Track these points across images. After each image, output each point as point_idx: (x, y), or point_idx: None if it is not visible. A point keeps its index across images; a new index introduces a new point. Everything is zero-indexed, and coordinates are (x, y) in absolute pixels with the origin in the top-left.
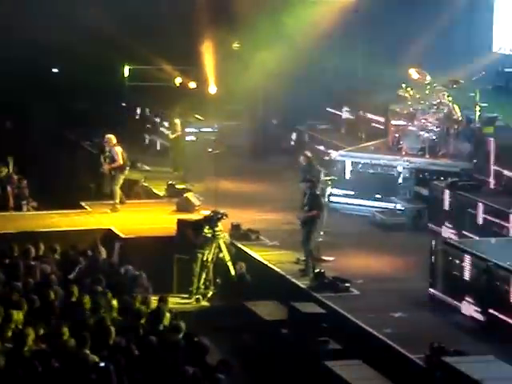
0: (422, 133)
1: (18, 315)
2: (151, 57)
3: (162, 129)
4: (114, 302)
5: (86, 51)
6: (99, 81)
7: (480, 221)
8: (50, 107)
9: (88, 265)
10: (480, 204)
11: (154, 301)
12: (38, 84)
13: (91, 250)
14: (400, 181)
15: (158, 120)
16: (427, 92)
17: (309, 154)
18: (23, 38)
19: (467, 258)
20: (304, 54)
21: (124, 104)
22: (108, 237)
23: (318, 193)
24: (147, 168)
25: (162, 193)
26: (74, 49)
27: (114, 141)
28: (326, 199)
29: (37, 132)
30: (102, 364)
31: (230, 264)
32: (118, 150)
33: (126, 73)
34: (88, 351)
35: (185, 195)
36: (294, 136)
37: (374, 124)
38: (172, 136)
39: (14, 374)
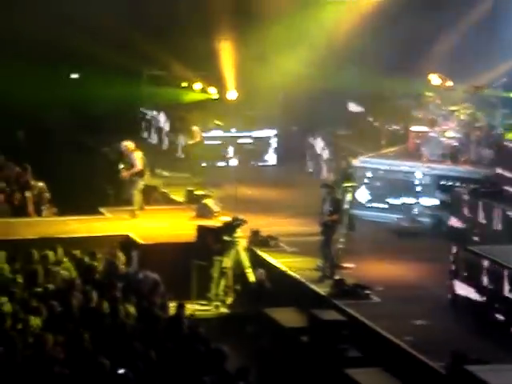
0: (443, 139)
1: (36, 321)
2: (170, 62)
3: (181, 135)
4: (132, 309)
5: (104, 57)
6: (118, 87)
7: (501, 227)
8: (68, 113)
9: (106, 271)
10: (501, 210)
11: (172, 307)
12: (56, 90)
13: (110, 256)
14: (421, 187)
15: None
16: (448, 98)
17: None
18: (41, 42)
19: (488, 265)
20: (325, 59)
21: (143, 110)
22: (126, 243)
23: (338, 197)
24: (166, 174)
25: (180, 199)
26: (93, 55)
27: (132, 146)
28: (347, 206)
29: (55, 138)
30: (122, 371)
31: (249, 271)
32: (138, 155)
33: (145, 78)
34: (104, 357)
35: (204, 201)
36: (314, 142)
37: (394, 130)
38: (191, 142)
39: (31, 380)
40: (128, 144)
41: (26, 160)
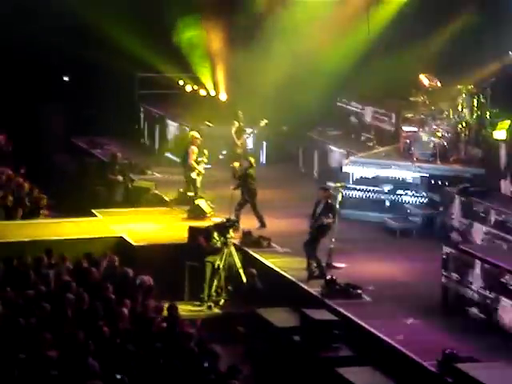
0: (432, 139)
1: (30, 323)
2: (162, 64)
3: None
4: (126, 310)
5: (96, 58)
6: (110, 88)
7: (490, 225)
8: (61, 114)
9: (101, 273)
10: (491, 210)
11: (165, 308)
12: (48, 91)
13: (103, 258)
14: (411, 187)
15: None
16: (438, 98)
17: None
18: (33, 44)
19: (479, 264)
20: (315, 59)
21: (136, 111)
22: (120, 244)
23: (333, 203)
24: (158, 175)
25: (173, 200)
26: (85, 56)
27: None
28: (337, 205)
29: (47, 140)
30: (119, 376)
31: (241, 271)
32: (194, 149)
33: (137, 80)
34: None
35: (196, 203)
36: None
37: (384, 130)
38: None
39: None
40: (195, 134)
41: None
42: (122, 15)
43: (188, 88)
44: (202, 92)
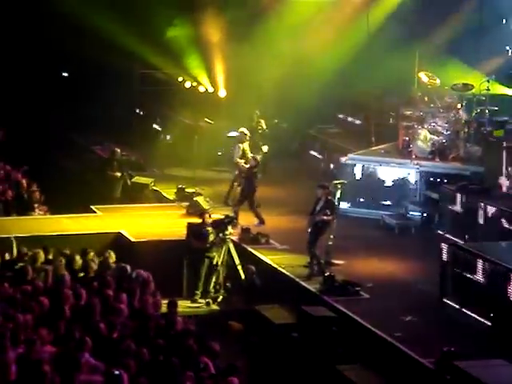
0: (431, 136)
1: (26, 319)
2: (160, 60)
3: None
4: (124, 306)
5: (95, 55)
6: (110, 85)
7: (490, 224)
8: (60, 112)
9: (99, 268)
10: (490, 207)
11: (163, 305)
12: (47, 88)
13: (101, 254)
14: (410, 184)
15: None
16: (437, 95)
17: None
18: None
19: (477, 262)
20: (315, 56)
21: (137, 110)
22: (118, 241)
23: (333, 200)
24: (157, 171)
25: (171, 196)
26: (84, 53)
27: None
28: (336, 202)
29: (47, 136)
30: (117, 372)
31: (239, 268)
32: (244, 146)
33: (137, 77)
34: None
35: (195, 199)
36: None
37: (383, 128)
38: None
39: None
40: (244, 131)
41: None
42: (117, 10)
43: (187, 84)
44: (201, 89)
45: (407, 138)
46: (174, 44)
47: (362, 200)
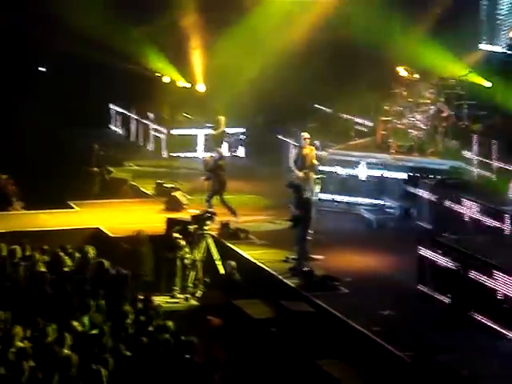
0: (410, 131)
1: (6, 315)
2: (141, 55)
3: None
4: (103, 302)
5: (73, 50)
6: (88, 80)
7: (468, 218)
8: (38, 107)
9: (77, 265)
10: (468, 201)
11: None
12: (25, 83)
13: (79, 250)
14: (388, 179)
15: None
16: (415, 90)
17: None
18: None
19: (454, 255)
20: (291, 53)
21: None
22: (96, 236)
23: (304, 196)
24: (135, 167)
25: (150, 192)
26: (62, 48)
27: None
28: (315, 198)
29: (24, 131)
30: (94, 367)
31: (219, 263)
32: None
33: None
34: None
35: (173, 194)
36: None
37: (361, 123)
38: (215, 132)
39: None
40: (305, 134)
41: None
42: (98, 5)
43: (166, 79)
44: (180, 83)
45: (386, 133)
46: (152, 39)
47: (340, 195)
